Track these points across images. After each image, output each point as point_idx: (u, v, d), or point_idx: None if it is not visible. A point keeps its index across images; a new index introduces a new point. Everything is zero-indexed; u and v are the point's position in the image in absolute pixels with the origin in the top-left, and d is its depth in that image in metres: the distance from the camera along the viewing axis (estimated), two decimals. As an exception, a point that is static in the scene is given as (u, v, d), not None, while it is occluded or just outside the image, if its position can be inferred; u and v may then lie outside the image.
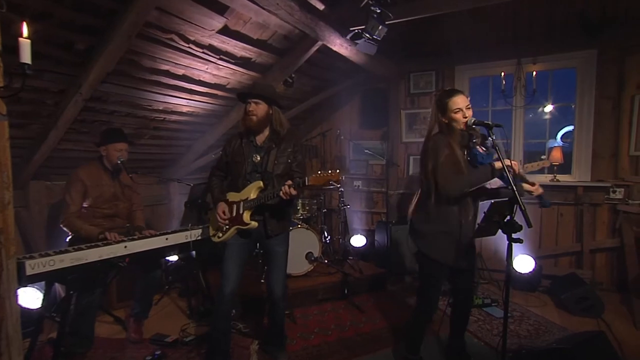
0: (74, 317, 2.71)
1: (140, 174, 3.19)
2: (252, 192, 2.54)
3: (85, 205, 2.97)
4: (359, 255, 4.90)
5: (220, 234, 2.68)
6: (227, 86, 3.83)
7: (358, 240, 5.04)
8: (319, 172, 2.27)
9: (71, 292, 2.44)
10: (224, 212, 2.61)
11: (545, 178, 4.43)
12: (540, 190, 2.36)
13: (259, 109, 2.53)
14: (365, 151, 4.82)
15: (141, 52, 2.89)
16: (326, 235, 4.88)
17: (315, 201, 4.86)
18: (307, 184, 2.30)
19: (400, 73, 5.10)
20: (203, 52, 3.19)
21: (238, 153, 2.62)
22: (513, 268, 4.23)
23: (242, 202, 2.57)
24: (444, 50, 4.88)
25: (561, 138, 4.62)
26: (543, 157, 2.81)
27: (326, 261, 4.38)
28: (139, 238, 2.88)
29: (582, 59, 4.22)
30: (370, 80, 5.26)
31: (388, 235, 4.58)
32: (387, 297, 4.10)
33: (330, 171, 2.25)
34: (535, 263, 4.21)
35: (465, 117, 2.30)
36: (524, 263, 4.24)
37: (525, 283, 4.22)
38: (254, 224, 2.54)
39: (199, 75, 3.45)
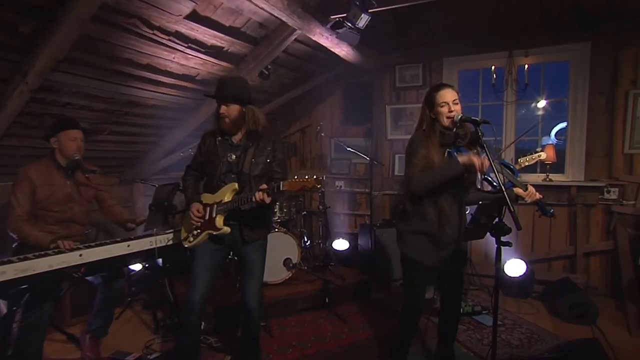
0: (19, 336, 2.56)
1: (98, 173, 3.06)
2: (226, 194, 2.51)
3: (33, 207, 2.82)
4: (342, 261, 4.86)
5: (192, 239, 2.63)
6: (197, 77, 3.73)
7: (340, 245, 5.02)
8: (295, 177, 2.26)
9: (14, 308, 2.29)
10: (198, 211, 2.57)
11: (538, 177, 4.48)
12: (537, 196, 2.34)
13: (230, 110, 2.50)
14: (348, 149, 4.79)
15: (98, 38, 2.75)
16: (306, 239, 4.85)
17: (294, 203, 4.81)
18: (281, 189, 2.28)
19: (385, 65, 5.09)
20: (169, 40, 3.09)
21: (212, 152, 2.59)
22: (504, 273, 4.27)
23: (215, 205, 2.54)
24: (431, 41, 4.88)
25: (555, 135, 4.67)
26: (538, 149, 2.80)
27: (306, 268, 4.37)
28: (97, 245, 2.75)
29: (575, 51, 4.26)
30: (353, 73, 5.23)
31: (372, 239, 4.55)
32: (372, 306, 4.08)
33: (307, 177, 2.23)
34: (527, 267, 4.25)
35: (451, 112, 2.31)
36: (515, 267, 4.27)
37: (518, 289, 4.26)
38: (226, 229, 2.50)
39: (165, 65, 3.34)
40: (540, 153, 2.78)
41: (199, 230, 2.60)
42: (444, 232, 2.36)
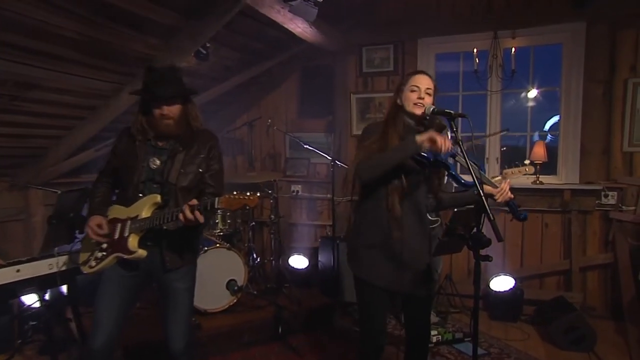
0: None
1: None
2: (144, 208, 2.35)
3: None
4: (299, 282, 4.83)
5: (94, 263, 2.43)
6: (116, 55, 3.50)
7: (297, 262, 4.95)
8: (234, 193, 2.18)
9: None
10: (98, 226, 2.38)
11: (527, 180, 4.47)
12: (509, 195, 2.29)
13: (175, 110, 2.37)
14: (306, 146, 4.73)
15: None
16: (255, 256, 4.82)
17: (239, 212, 4.72)
18: (216, 206, 2.18)
19: (350, 46, 5.04)
20: (75, 6, 2.85)
21: (130, 155, 2.44)
22: (491, 290, 4.31)
23: (128, 221, 2.36)
24: (404, 18, 4.86)
25: (549, 130, 4.74)
26: (527, 161, 2.80)
27: (254, 291, 4.34)
28: (-30, 271, 2.48)
29: (569, 32, 4.31)
30: (312, 56, 5.16)
31: (335, 255, 4.49)
32: (335, 335, 4.04)
33: (248, 194, 2.17)
34: (516, 285, 4.28)
35: (421, 99, 2.32)
36: (501, 285, 4.29)
37: (505, 311, 4.29)
38: (142, 252, 2.32)
39: (71, 37, 3.09)
40: (528, 166, 2.79)
41: (104, 253, 2.40)
42: (400, 240, 2.34)
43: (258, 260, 4.82)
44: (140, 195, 2.39)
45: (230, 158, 5.66)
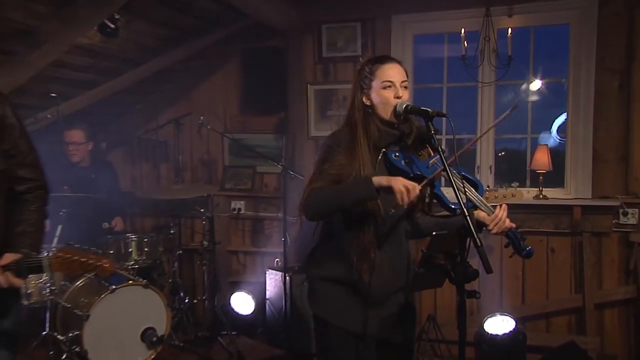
0: None
1: None
2: None
3: None
4: (241, 327, 4.86)
5: None
6: None
7: (240, 302, 4.96)
8: (72, 254, 1.81)
9: None
10: None
11: (528, 194, 4.44)
12: (507, 224, 2.26)
13: None
14: (250, 152, 4.72)
15: None
16: (182, 295, 4.81)
17: (161, 237, 4.70)
18: (44, 271, 1.83)
19: (306, 23, 4.98)
20: None
21: None
22: (487, 335, 4.24)
23: None
24: None
25: (557, 131, 4.72)
26: (514, 184, 2.66)
27: (181, 343, 4.35)
28: None
29: (577, 10, 4.28)
30: (257, 35, 5.10)
31: (286, 292, 4.42)
32: None
33: (100, 253, 1.96)
34: (516, 327, 4.21)
35: (398, 97, 2.27)
36: (500, 328, 4.22)
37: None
38: None
39: None
40: (515, 189, 2.66)
41: None
42: (366, 272, 2.30)
43: (186, 300, 4.77)
44: None
45: (150, 166, 5.60)
